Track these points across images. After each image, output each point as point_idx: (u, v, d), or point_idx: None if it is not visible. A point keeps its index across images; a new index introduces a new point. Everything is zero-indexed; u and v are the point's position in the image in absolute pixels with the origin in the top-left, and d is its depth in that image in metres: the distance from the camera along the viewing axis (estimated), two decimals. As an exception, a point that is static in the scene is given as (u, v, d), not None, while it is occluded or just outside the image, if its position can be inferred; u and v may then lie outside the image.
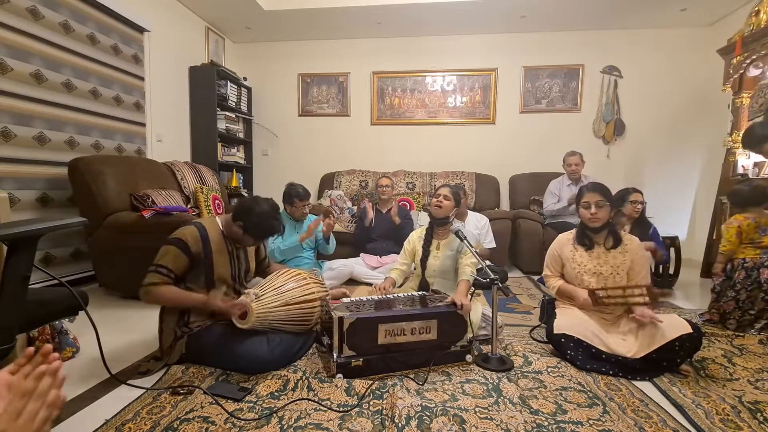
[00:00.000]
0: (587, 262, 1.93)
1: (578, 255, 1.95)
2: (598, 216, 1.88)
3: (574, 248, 1.97)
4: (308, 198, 2.89)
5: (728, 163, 3.09)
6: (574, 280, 1.96)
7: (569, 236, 2.02)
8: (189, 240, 1.66)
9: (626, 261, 1.88)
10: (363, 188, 4.42)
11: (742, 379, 1.64)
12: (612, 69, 4.42)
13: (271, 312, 1.64)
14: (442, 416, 1.32)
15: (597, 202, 1.88)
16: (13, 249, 0.98)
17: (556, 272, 2.04)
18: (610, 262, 1.90)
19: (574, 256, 1.96)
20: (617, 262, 1.89)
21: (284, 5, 4.02)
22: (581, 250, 1.95)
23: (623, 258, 1.89)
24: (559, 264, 2.02)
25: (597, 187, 1.93)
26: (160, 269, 1.63)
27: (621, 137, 4.44)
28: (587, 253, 1.94)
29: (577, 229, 2.00)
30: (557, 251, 2.02)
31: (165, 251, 1.65)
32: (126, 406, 1.37)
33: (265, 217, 1.73)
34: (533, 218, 3.71)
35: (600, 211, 1.87)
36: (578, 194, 1.98)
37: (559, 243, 2.04)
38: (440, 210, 2.11)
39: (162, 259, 1.64)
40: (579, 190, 2.00)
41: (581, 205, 1.94)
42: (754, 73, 2.92)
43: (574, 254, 1.96)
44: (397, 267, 2.23)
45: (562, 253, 2.00)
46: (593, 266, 1.92)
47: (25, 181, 2.53)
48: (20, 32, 2.46)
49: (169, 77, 3.84)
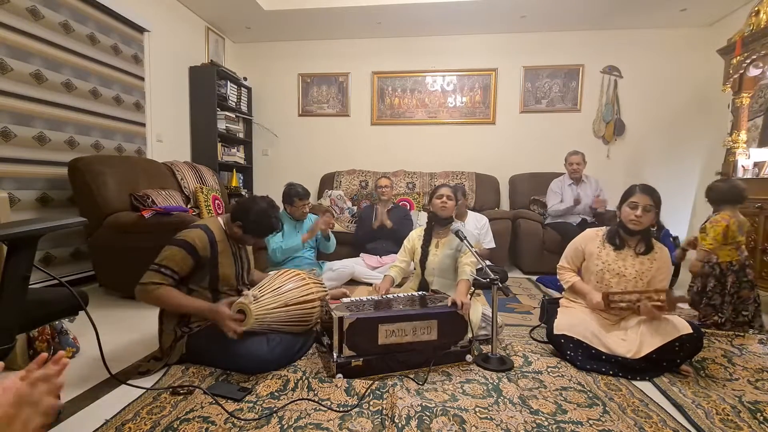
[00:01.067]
0: (613, 261, 1.88)
1: (605, 253, 1.91)
2: (642, 220, 1.80)
3: (602, 245, 1.92)
4: (308, 197, 2.89)
5: (728, 163, 3.09)
6: (594, 278, 1.92)
7: (599, 232, 1.98)
8: (197, 243, 1.65)
9: (652, 269, 1.83)
10: (363, 188, 4.42)
11: (742, 379, 1.64)
12: (612, 69, 4.42)
13: (270, 313, 1.64)
14: (442, 416, 1.32)
15: (646, 206, 1.79)
16: (13, 249, 0.98)
17: (573, 266, 2.00)
18: (637, 266, 1.85)
19: (600, 253, 1.91)
20: (643, 268, 1.84)
21: (284, 5, 4.02)
22: (609, 249, 1.90)
23: (650, 265, 1.84)
24: (580, 259, 1.98)
25: (649, 191, 1.83)
26: (163, 269, 1.60)
27: (621, 137, 4.44)
28: (615, 252, 1.89)
29: (611, 226, 1.95)
30: (582, 245, 1.98)
31: (171, 252, 1.62)
32: (126, 406, 1.37)
33: (263, 215, 1.74)
34: (533, 218, 3.70)
35: (645, 215, 1.80)
36: (628, 192, 1.89)
37: (586, 237, 1.99)
38: (446, 210, 2.11)
39: (166, 259, 1.61)
40: (630, 188, 1.90)
41: (628, 204, 1.84)
42: (754, 73, 2.92)
43: (600, 251, 1.92)
44: (396, 264, 2.23)
45: (587, 248, 1.95)
46: (618, 267, 1.87)
47: (25, 181, 2.53)
48: (20, 32, 2.46)
49: (169, 77, 3.84)
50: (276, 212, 1.80)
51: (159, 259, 1.63)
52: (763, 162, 2.90)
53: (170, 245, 1.65)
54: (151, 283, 1.58)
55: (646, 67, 4.34)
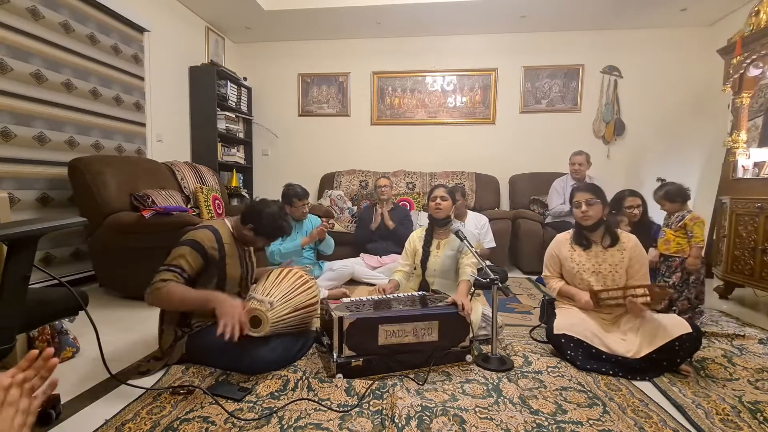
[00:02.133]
0: (585, 261, 1.93)
1: (576, 254, 1.96)
2: (589, 214, 1.89)
3: (572, 248, 1.98)
4: (307, 197, 2.89)
5: (728, 163, 3.09)
6: (574, 279, 1.96)
7: (567, 236, 2.03)
8: (205, 243, 1.65)
9: (624, 258, 1.89)
10: (363, 188, 4.42)
11: (742, 379, 1.64)
12: (612, 69, 4.42)
13: (282, 319, 1.64)
14: (442, 416, 1.32)
15: (587, 200, 1.89)
16: (13, 249, 0.98)
17: (555, 272, 2.05)
18: (609, 260, 1.90)
19: (572, 256, 1.96)
20: (615, 260, 1.90)
21: (284, 5, 4.02)
22: (579, 250, 1.96)
23: (621, 256, 1.89)
24: (558, 264, 2.03)
25: (587, 187, 1.95)
26: (172, 268, 1.57)
27: (621, 137, 4.44)
28: (585, 252, 1.94)
29: (574, 228, 2.01)
30: (555, 251, 2.03)
31: (180, 252, 1.61)
32: (126, 406, 1.37)
33: (275, 218, 1.76)
34: (533, 218, 3.71)
35: (591, 209, 1.89)
36: (570, 195, 2.01)
37: (557, 243, 2.05)
38: (441, 212, 2.11)
39: (176, 259, 1.60)
40: (571, 191, 2.02)
41: (573, 204, 1.96)
42: (754, 73, 2.91)
43: (572, 254, 1.97)
44: (400, 269, 2.23)
45: (560, 253, 2.01)
46: (592, 265, 1.92)
47: (25, 181, 2.53)
48: (20, 32, 2.46)
49: (169, 77, 3.84)
50: (287, 216, 1.82)
51: (168, 260, 1.61)
52: (763, 162, 2.90)
53: (178, 246, 1.64)
54: (160, 280, 1.54)
55: (646, 67, 4.34)
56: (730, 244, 2.80)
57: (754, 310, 2.70)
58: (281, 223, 1.78)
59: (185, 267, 1.60)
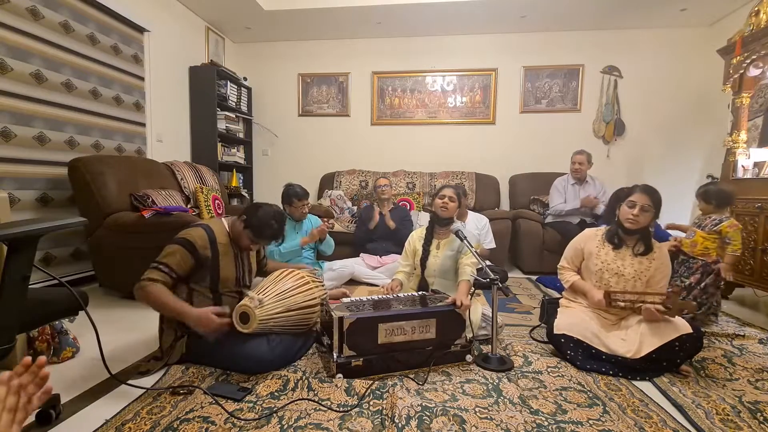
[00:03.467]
0: (611, 261, 1.88)
1: (604, 252, 1.91)
2: (639, 220, 1.80)
3: (602, 245, 1.93)
4: (307, 197, 2.89)
5: (728, 163, 3.09)
6: (592, 277, 1.92)
7: (597, 232, 1.99)
8: (197, 242, 1.65)
9: (650, 269, 1.84)
10: (363, 188, 4.42)
11: (742, 379, 1.64)
12: (612, 69, 4.42)
13: (272, 318, 1.64)
14: (442, 416, 1.32)
15: (644, 205, 1.80)
16: (13, 249, 0.98)
17: (573, 266, 2.01)
18: (635, 266, 1.85)
19: (599, 253, 1.91)
20: (642, 268, 1.84)
21: (284, 5, 4.02)
22: (608, 248, 1.91)
23: (648, 265, 1.84)
24: (580, 258, 1.98)
25: (649, 190, 1.83)
26: (161, 267, 1.60)
27: (621, 137, 4.44)
28: (614, 252, 1.89)
29: (611, 225, 1.95)
30: (581, 245, 1.98)
31: (171, 250, 1.63)
32: (126, 406, 1.37)
33: (268, 217, 1.75)
34: (533, 218, 3.70)
35: (643, 215, 1.80)
36: (629, 190, 1.89)
37: (585, 237, 1.99)
38: (446, 211, 2.11)
39: (166, 257, 1.62)
40: (631, 187, 1.90)
41: (626, 202, 1.85)
42: (754, 73, 2.91)
43: (599, 250, 1.92)
44: (401, 269, 2.23)
45: (586, 248, 1.96)
46: (617, 266, 1.87)
47: (25, 181, 2.53)
48: (20, 32, 2.46)
49: (169, 77, 3.84)
50: (282, 222, 1.80)
51: (159, 257, 1.63)
52: (763, 162, 2.90)
53: (171, 243, 1.66)
54: (147, 278, 1.57)
55: (646, 67, 4.34)
56: (730, 244, 2.80)
57: (754, 310, 2.70)
58: (272, 223, 1.75)
59: (174, 266, 1.61)
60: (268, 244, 1.88)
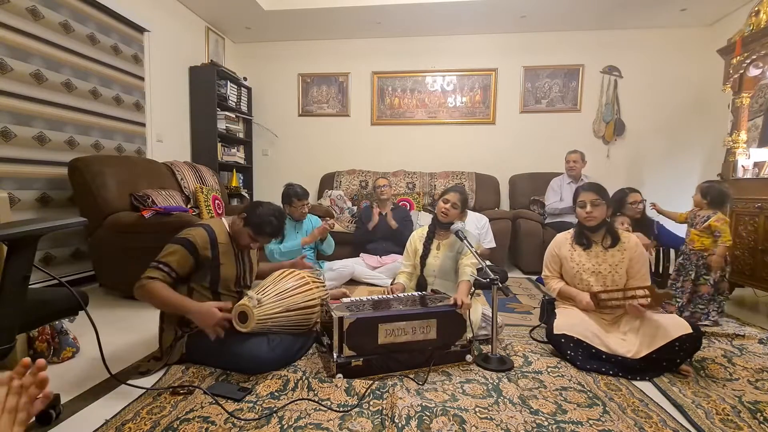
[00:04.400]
0: (586, 261, 1.93)
1: (576, 254, 1.96)
2: (593, 215, 1.89)
3: (573, 248, 1.98)
4: (307, 197, 2.89)
5: (728, 163, 3.09)
6: (573, 280, 1.96)
7: (567, 236, 2.03)
8: (198, 242, 1.65)
9: (624, 259, 1.89)
10: (363, 188, 4.42)
11: (742, 379, 1.64)
12: (612, 69, 4.42)
13: (271, 317, 1.64)
14: (442, 416, 1.32)
15: (592, 200, 1.89)
16: (13, 249, 0.98)
17: (555, 272, 2.04)
18: (609, 260, 1.90)
19: (573, 256, 1.96)
20: (615, 261, 1.89)
21: (284, 5, 4.02)
22: (579, 250, 1.96)
23: (621, 256, 1.89)
24: (558, 264, 2.02)
25: (592, 187, 1.95)
26: (161, 266, 1.60)
27: (621, 137, 4.44)
28: (585, 252, 1.94)
29: (575, 228, 2.01)
30: (555, 251, 2.03)
31: (171, 250, 1.63)
32: (126, 406, 1.37)
33: (268, 214, 1.75)
34: (533, 218, 3.71)
35: (596, 209, 1.89)
36: (575, 194, 2.00)
37: (557, 243, 2.04)
38: (446, 217, 2.12)
39: (166, 256, 1.62)
40: (576, 189, 2.02)
41: (577, 204, 1.95)
42: (754, 73, 2.91)
43: (572, 253, 1.97)
44: (403, 270, 2.23)
45: (561, 253, 2.00)
46: (592, 265, 1.92)
47: (25, 181, 2.53)
48: (20, 32, 2.46)
49: (169, 77, 3.84)
50: (282, 220, 1.81)
51: (159, 256, 1.64)
52: (763, 162, 2.90)
53: (171, 243, 1.66)
54: (147, 276, 1.58)
55: (646, 67, 4.34)
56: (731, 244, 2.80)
57: (754, 310, 2.70)
58: (272, 220, 1.75)
59: (174, 266, 1.61)
60: (268, 242, 1.88)
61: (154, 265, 1.61)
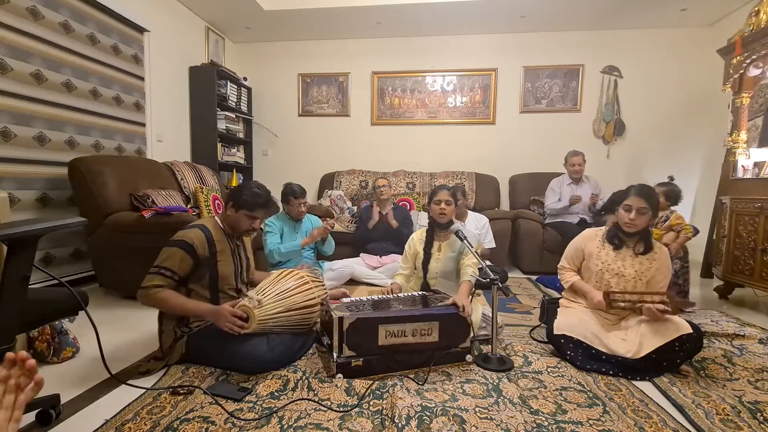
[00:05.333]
0: (612, 261, 1.88)
1: (604, 252, 1.90)
2: (636, 222, 1.80)
3: (602, 245, 1.92)
4: (304, 195, 2.86)
5: (728, 163, 3.09)
6: (592, 278, 1.91)
7: (598, 232, 1.98)
8: (196, 243, 1.65)
9: (651, 269, 1.83)
10: (363, 188, 4.42)
11: (742, 379, 1.64)
12: (612, 69, 4.42)
13: (272, 318, 1.64)
14: (442, 416, 1.32)
15: (640, 208, 1.78)
16: (13, 249, 0.98)
17: (573, 266, 2.00)
18: (636, 267, 1.84)
19: (600, 253, 1.91)
20: (643, 269, 1.84)
21: (284, 5, 4.02)
22: (608, 248, 1.90)
23: (649, 265, 1.83)
24: (580, 259, 1.98)
25: (644, 192, 1.81)
26: (163, 271, 1.60)
27: (621, 137, 4.44)
28: (614, 252, 1.89)
29: (610, 227, 1.94)
30: (581, 245, 1.97)
31: (169, 253, 1.63)
32: (126, 406, 1.37)
33: (251, 188, 1.77)
34: (533, 218, 3.71)
35: (640, 218, 1.79)
36: (624, 193, 1.88)
37: (585, 237, 1.99)
38: (444, 217, 2.11)
39: (166, 261, 1.62)
40: (626, 189, 1.89)
41: (622, 206, 1.84)
42: (754, 73, 2.91)
43: (600, 251, 1.91)
44: (401, 272, 2.22)
45: (587, 248, 1.95)
46: (617, 267, 1.86)
47: (25, 181, 2.53)
48: (20, 32, 2.46)
49: (169, 77, 3.84)
50: (266, 190, 1.83)
51: (158, 261, 1.63)
52: (763, 162, 2.90)
53: (168, 246, 1.65)
54: (153, 285, 1.58)
55: (646, 67, 4.34)
56: (730, 244, 2.80)
57: (754, 310, 2.70)
58: (257, 191, 1.77)
59: (175, 269, 1.61)
60: (266, 215, 1.88)
61: (155, 270, 1.60)
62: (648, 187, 1.86)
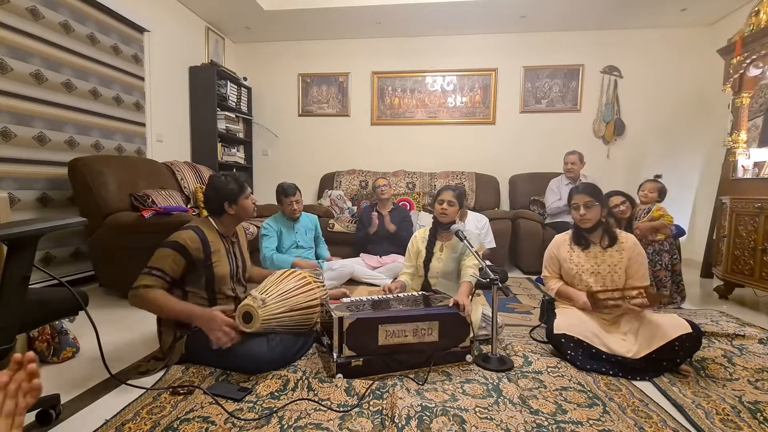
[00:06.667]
0: (584, 261, 1.94)
1: (575, 255, 1.96)
2: (587, 217, 1.90)
3: (571, 249, 1.98)
4: (295, 193, 2.81)
5: (728, 163, 3.09)
6: (573, 280, 1.97)
7: (566, 237, 2.03)
8: (189, 244, 1.64)
9: (623, 259, 1.89)
10: (363, 188, 4.42)
11: (742, 379, 1.64)
12: (612, 69, 4.42)
13: (275, 318, 1.64)
14: (442, 416, 1.32)
15: (585, 203, 1.90)
16: (13, 249, 0.98)
17: (554, 273, 2.05)
18: (607, 260, 1.91)
19: (572, 257, 1.97)
20: (614, 261, 1.90)
21: (284, 5, 4.02)
22: (578, 250, 1.97)
23: (620, 256, 1.90)
24: (557, 265, 2.03)
25: (585, 188, 1.94)
26: (153, 271, 1.58)
27: (621, 137, 4.44)
28: (584, 252, 1.95)
29: (573, 229, 2.02)
30: (554, 252, 2.03)
31: (162, 254, 1.62)
32: (126, 406, 1.37)
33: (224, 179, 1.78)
34: (533, 218, 3.71)
35: (589, 211, 1.89)
36: (568, 196, 2.00)
37: (556, 244, 2.05)
38: (446, 217, 2.11)
39: (158, 262, 1.60)
40: (569, 192, 2.02)
41: (572, 206, 1.96)
42: (754, 73, 2.91)
43: (571, 254, 1.97)
44: (405, 271, 2.22)
45: (559, 254, 2.01)
46: (591, 266, 1.93)
47: (25, 181, 2.53)
48: (20, 32, 2.46)
49: (169, 77, 3.84)
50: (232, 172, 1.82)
51: (150, 262, 1.62)
52: (763, 162, 2.90)
53: (161, 247, 1.64)
54: (142, 285, 1.56)
55: (646, 67, 4.34)
56: (730, 244, 2.80)
57: (754, 310, 2.69)
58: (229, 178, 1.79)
59: (168, 270, 1.60)
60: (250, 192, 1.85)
61: (147, 271, 1.59)
62: (587, 183, 2.00)
